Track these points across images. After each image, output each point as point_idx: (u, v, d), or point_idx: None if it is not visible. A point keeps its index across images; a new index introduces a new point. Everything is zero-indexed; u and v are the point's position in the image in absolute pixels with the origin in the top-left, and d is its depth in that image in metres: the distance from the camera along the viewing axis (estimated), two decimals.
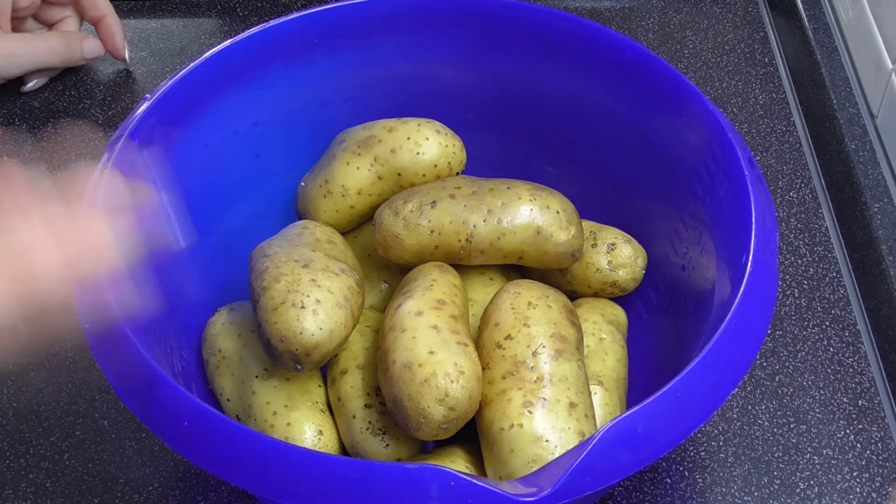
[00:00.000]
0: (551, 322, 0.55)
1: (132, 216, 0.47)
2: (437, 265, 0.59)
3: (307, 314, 0.52)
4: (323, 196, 0.65)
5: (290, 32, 0.64)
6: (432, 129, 0.63)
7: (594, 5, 0.92)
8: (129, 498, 0.60)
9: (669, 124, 0.61)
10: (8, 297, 0.41)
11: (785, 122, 0.82)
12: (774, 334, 0.68)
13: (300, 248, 0.57)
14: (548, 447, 0.50)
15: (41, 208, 0.43)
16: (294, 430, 0.55)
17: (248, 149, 0.65)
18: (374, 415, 0.56)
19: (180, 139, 0.60)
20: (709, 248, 0.57)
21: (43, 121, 0.82)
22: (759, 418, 0.64)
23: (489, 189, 0.60)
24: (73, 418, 0.63)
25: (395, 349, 0.52)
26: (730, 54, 0.88)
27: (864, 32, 0.79)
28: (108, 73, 0.86)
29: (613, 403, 0.57)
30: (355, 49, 0.66)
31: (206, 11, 0.91)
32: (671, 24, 0.90)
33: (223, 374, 0.59)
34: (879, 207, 0.71)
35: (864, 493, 0.61)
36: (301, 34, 0.65)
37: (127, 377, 0.47)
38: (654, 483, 0.61)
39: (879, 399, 0.65)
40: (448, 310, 0.55)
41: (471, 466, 0.54)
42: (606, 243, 0.63)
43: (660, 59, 0.62)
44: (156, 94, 0.58)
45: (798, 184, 0.78)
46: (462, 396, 0.51)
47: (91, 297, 0.49)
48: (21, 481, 0.60)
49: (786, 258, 0.73)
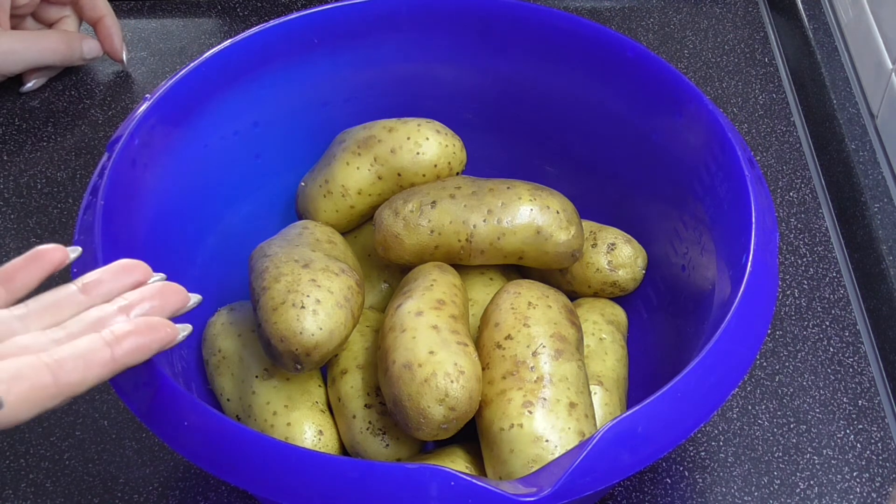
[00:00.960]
0: (551, 322, 0.55)
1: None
2: (437, 265, 0.59)
3: (307, 314, 0.52)
4: (323, 196, 0.65)
5: (290, 32, 0.64)
6: (432, 129, 0.63)
7: (594, 5, 0.92)
8: (129, 498, 0.60)
9: (669, 124, 0.61)
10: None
11: (785, 122, 0.82)
12: (774, 334, 0.68)
13: (300, 248, 0.57)
14: (548, 447, 0.50)
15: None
16: (294, 430, 0.55)
17: (248, 149, 0.65)
18: (374, 415, 0.56)
19: (180, 139, 0.60)
20: (709, 248, 0.57)
21: (43, 121, 0.82)
22: (759, 418, 0.64)
23: (489, 189, 0.60)
24: (73, 418, 0.63)
25: (395, 349, 0.52)
26: (730, 54, 0.88)
27: (864, 32, 0.79)
28: (107, 73, 0.86)
29: (613, 403, 0.57)
30: (355, 49, 0.66)
31: (206, 11, 0.91)
32: (671, 24, 0.90)
33: (223, 374, 0.59)
34: (879, 207, 0.71)
35: (864, 493, 0.61)
36: (301, 34, 0.65)
37: (127, 377, 0.47)
38: (654, 483, 0.61)
39: (879, 399, 0.65)
40: (448, 310, 0.55)
41: (471, 466, 0.54)
42: (606, 243, 0.63)
43: (660, 59, 0.62)
44: (156, 94, 0.58)
45: (798, 184, 0.78)
46: (462, 396, 0.51)
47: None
48: (21, 481, 0.60)
49: (786, 258, 0.73)
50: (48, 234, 0.73)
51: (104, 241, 0.51)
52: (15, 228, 0.74)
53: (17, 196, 0.76)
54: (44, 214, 0.75)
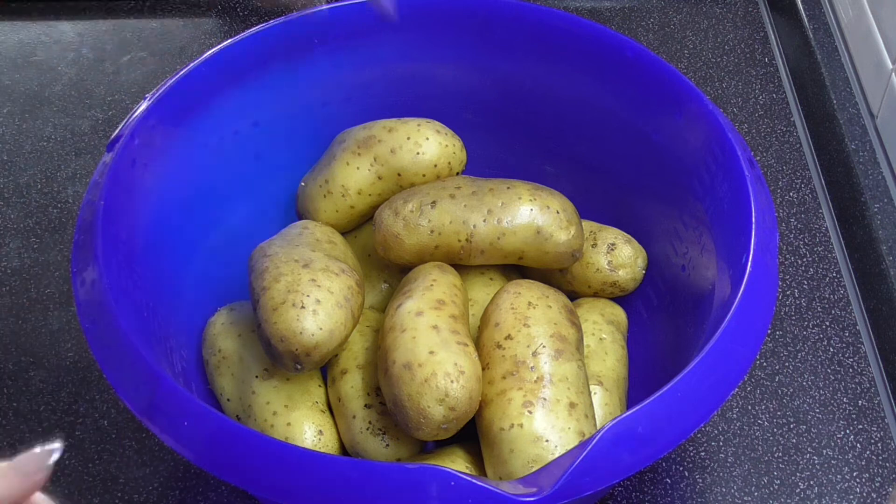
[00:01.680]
0: (551, 322, 0.55)
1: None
2: (437, 265, 0.59)
3: (307, 314, 0.52)
4: (323, 196, 0.65)
5: (290, 32, 0.64)
6: (432, 129, 0.63)
7: (594, 5, 0.92)
8: (129, 498, 0.60)
9: (669, 124, 0.61)
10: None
11: (785, 122, 0.82)
12: (774, 334, 0.68)
13: (300, 248, 0.57)
14: (548, 447, 0.50)
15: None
16: (294, 430, 0.55)
17: (248, 149, 0.65)
18: (374, 415, 0.56)
19: (180, 139, 0.60)
20: (709, 248, 0.57)
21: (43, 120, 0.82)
22: (759, 418, 0.64)
23: (489, 189, 0.60)
24: (73, 418, 0.63)
25: (395, 349, 0.52)
26: (730, 54, 0.88)
27: (864, 32, 0.79)
28: (107, 73, 0.86)
29: (613, 403, 0.57)
30: (355, 49, 0.66)
31: (206, 11, 0.91)
32: (671, 24, 0.90)
33: (223, 374, 0.59)
34: (879, 207, 0.71)
35: (864, 493, 0.61)
36: (301, 34, 0.65)
37: (127, 377, 0.47)
38: (654, 483, 0.61)
39: (879, 399, 0.65)
40: (448, 310, 0.55)
41: (471, 466, 0.54)
42: (606, 243, 0.63)
43: (660, 59, 0.62)
44: (156, 94, 0.58)
45: (798, 184, 0.78)
46: (462, 396, 0.51)
47: (91, 298, 0.49)
48: None
49: (786, 258, 0.73)
50: (48, 234, 0.73)
51: (104, 241, 0.51)
52: (15, 228, 0.74)
53: (17, 196, 0.76)
54: (44, 214, 0.75)
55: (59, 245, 0.73)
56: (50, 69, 0.86)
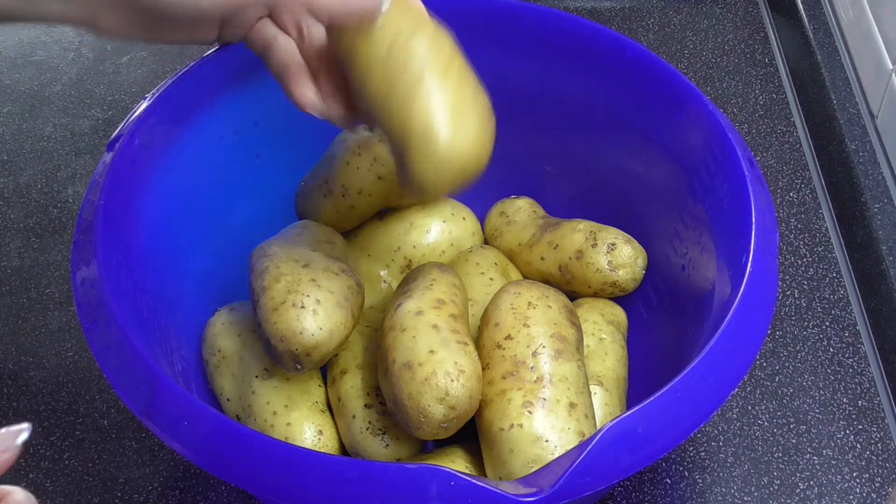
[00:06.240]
0: (551, 322, 0.55)
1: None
2: (437, 265, 0.59)
3: (307, 314, 0.52)
4: (323, 196, 0.65)
5: None
6: None
7: (594, 5, 0.92)
8: (129, 498, 0.60)
9: (669, 124, 0.61)
10: None
11: (785, 123, 0.82)
12: (774, 334, 0.68)
13: (300, 248, 0.57)
14: (548, 447, 0.50)
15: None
16: (294, 430, 0.55)
17: (248, 149, 0.65)
18: (374, 415, 0.56)
19: (180, 139, 0.60)
20: (709, 248, 0.57)
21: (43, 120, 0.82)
22: (759, 418, 0.64)
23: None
24: (73, 418, 0.63)
25: (395, 348, 0.52)
26: (730, 54, 0.88)
27: (864, 32, 0.79)
28: (108, 73, 0.86)
29: (613, 403, 0.57)
30: None
31: None
32: (671, 24, 0.90)
33: (223, 373, 0.59)
34: (879, 207, 0.71)
35: (864, 493, 0.61)
36: None
37: (127, 377, 0.47)
38: (654, 483, 0.61)
39: (879, 399, 0.65)
40: (448, 309, 0.55)
41: (471, 466, 0.54)
42: (606, 243, 0.63)
43: (660, 59, 0.62)
44: (156, 94, 0.58)
45: (798, 184, 0.78)
46: (462, 395, 0.51)
47: (91, 298, 0.49)
48: (21, 481, 0.60)
49: (786, 258, 0.73)
50: (48, 234, 0.73)
51: (104, 241, 0.51)
52: (15, 228, 0.74)
53: (17, 196, 0.76)
54: (44, 214, 0.75)
55: (59, 245, 0.73)
56: (50, 69, 0.86)
